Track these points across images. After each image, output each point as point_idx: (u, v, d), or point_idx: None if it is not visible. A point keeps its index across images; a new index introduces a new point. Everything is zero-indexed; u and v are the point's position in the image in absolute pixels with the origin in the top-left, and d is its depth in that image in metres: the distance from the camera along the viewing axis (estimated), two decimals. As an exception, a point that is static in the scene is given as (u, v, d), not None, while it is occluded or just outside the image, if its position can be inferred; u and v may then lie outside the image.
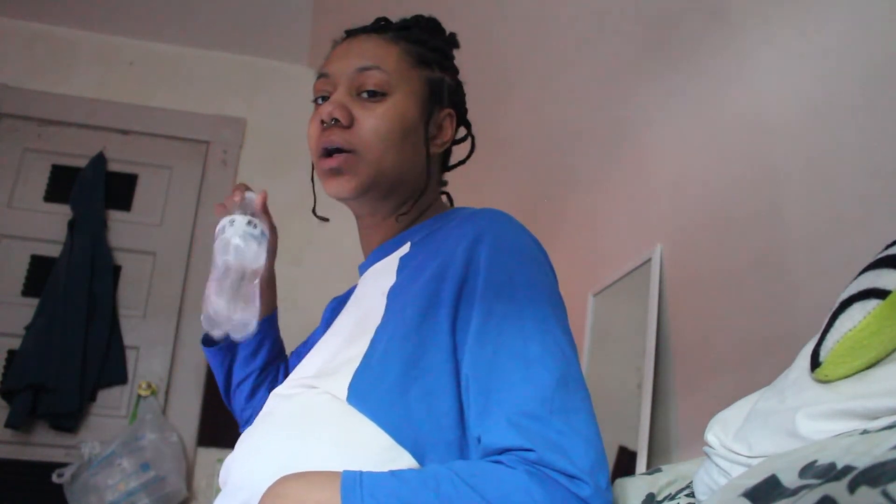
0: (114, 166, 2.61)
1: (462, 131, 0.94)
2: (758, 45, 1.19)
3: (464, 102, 0.93)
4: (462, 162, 0.96)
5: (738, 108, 1.27)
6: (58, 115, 2.59)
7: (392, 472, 0.61)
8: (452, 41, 0.94)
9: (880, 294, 0.57)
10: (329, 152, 0.79)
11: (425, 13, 0.94)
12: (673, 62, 1.43)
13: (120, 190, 2.59)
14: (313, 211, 0.92)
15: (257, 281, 0.81)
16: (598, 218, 1.85)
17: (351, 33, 0.90)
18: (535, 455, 0.60)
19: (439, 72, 0.88)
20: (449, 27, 0.96)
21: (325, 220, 0.92)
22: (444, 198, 0.95)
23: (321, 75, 0.86)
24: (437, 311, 0.70)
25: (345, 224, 1.03)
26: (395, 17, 0.92)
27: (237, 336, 0.82)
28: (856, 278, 0.62)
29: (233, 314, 0.79)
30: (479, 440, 0.64)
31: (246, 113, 2.74)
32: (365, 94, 0.80)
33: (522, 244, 0.75)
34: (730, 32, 1.25)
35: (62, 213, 2.48)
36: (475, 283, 0.70)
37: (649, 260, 1.49)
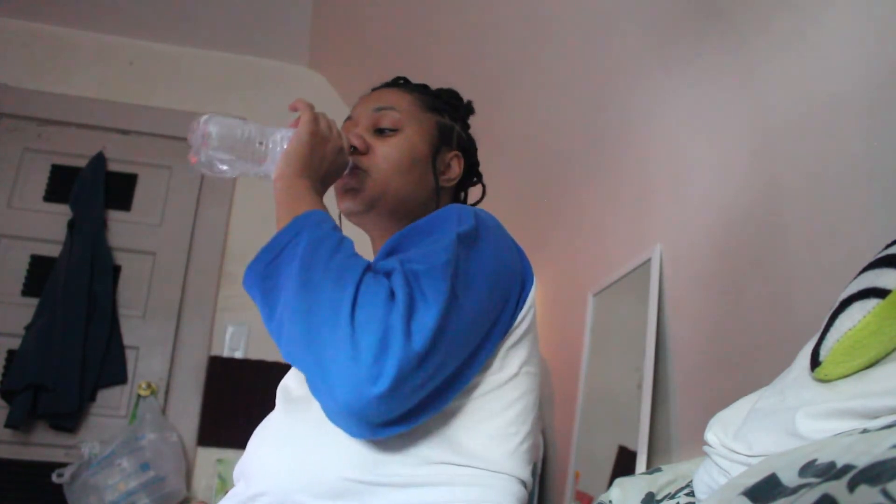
0: (113, 166, 2.61)
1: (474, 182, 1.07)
2: (758, 45, 1.19)
3: (475, 153, 1.05)
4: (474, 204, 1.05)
5: (737, 107, 1.27)
6: (58, 115, 2.59)
7: (341, 236, 0.71)
8: (469, 107, 1.06)
9: (880, 293, 0.57)
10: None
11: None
12: (673, 62, 1.43)
13: (120, 190, 2.59)
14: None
15: (255, 160, 0.84)
16: (598, 218, 1.85)
17: (375, 88, 1.02)
18: (395, 276, 0.65)
19: (451, 120, 1.00)
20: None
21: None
22: None
23: (347, 119, 0.98)
24: None
25: (346, 225, 1.04)
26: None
27: (202, 168, 0.82)
28: (856, 278, 0.62)
29: (216, 154, 0.81)
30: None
31: (246, 113, 2.70)
32: (380, 130, 0.93)
33: (483, 220, 0.79)
34: (730, 32, 1.25)
35: (62, 213, 2.48)
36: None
37: (649, 260, 1.50)
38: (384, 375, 0.60)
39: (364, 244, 0.98)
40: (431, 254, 0.68)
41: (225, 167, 0.83)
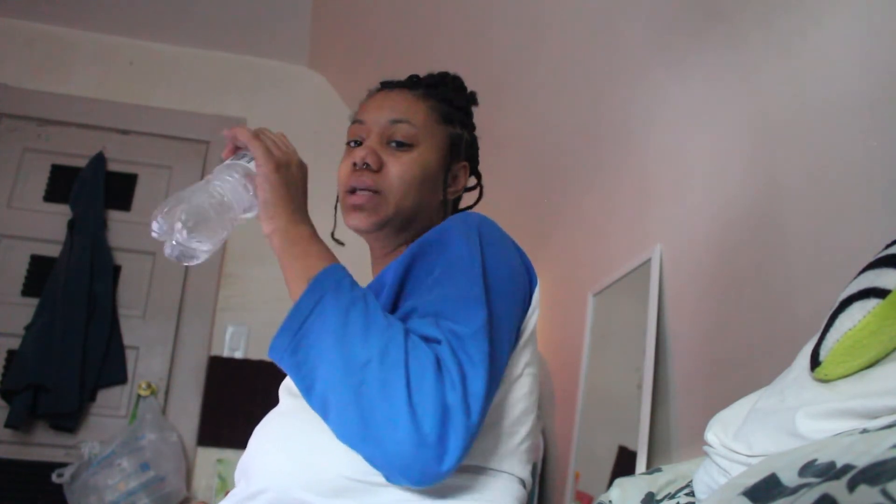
0: (113, 166, 2.61)
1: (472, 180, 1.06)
2: (758, 45, 1.19)
3: (477, 156, 1.05)
4: (469, 208, 1.05)
5: (737, 107, 1.27)
6: (58, 115, 2.59)
7: (364, 294, 0.69)
8: (473, 99, 1.05)
9: (880, 293, 0.57)
10: (355, 190, 0.89)
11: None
12: (673, 61, 1.43)
13: (120, 190, 2.59)
14: (332, 235, 0.97)
15: (232, 224, 0.78)
16: (598, 218, 1.85)
17: (386, 85, 1.00)
18: (441, 348, 0.64)
19: (460, 128, 0.98)
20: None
21: (342, 244, 0.98)
22: None
23: (356, 121, 0.94)
24: (381, 293, 0.77)
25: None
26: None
27: (179, 259, 0.76)
28: (856, 278, 0.62)
29: (194, 230, 0.73)
30: (407, 314, 0.70)
31: (246, 113, 2.74)
32: (394, 144, 0.90)
33: (486, 233, 0.79)
34: (730, 32, 1.25)
35: (62, 213, 2.48)
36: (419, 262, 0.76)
37: (649, 260, 1.50)
38: (450, 453, 0.61)
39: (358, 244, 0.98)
40: (467, 309, 0.68)
41: (204, 253, 0.76)
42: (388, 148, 0.90)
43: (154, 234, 0.75)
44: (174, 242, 0.74)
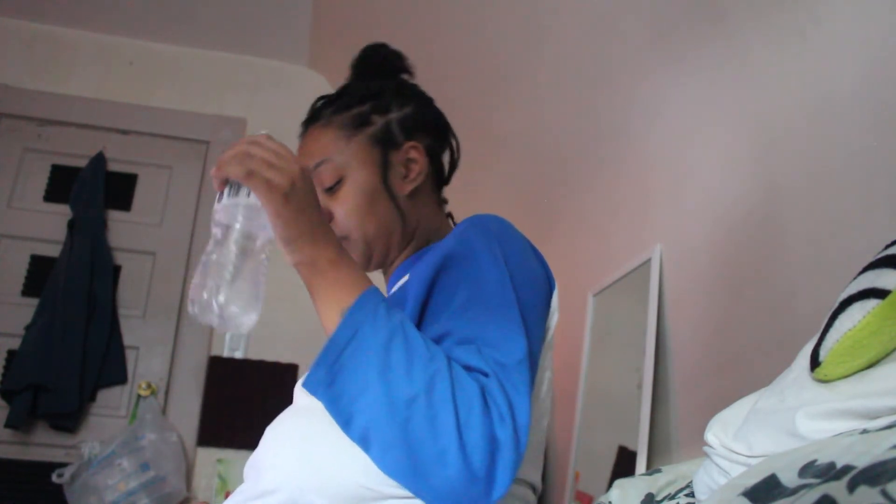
0: (114, 166, 2.61)
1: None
2: (758, 45, 1.19)
3: (427, 115, 0.97)
4: (452, 169, 1.00)
5: (738, 107, 1.27)
6: (58, 115, 2.59)
7: (402, 322, 0.66)
8: (392, 67, 0.98)
9: (880, 294, 0.57)
10: None
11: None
12: (673, 61, 1.43)
13: (120, 190, 2.59)
14: None
15: (264, 257, 0.71)
16: (598, 218, 1.85)
17: (302, 127, 0.96)
18: (487, 381, 0.63)
19: (381, 117, 0.92)
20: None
21: None
22: (450, 221, 1.01)
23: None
24: (406, 304, 0.75)
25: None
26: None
27: (232, 331, 0.70)
28: (856, 278, 0.62)
29: (231, 303, 0.66)
30: (441, 336, 0.68)
31: (246, 113, 2.74)
32: (327, 191, 0.88)
33: (494, 232, 0.77)
34: (730, 32, 1.25)
35: (62, 213, 2.48)
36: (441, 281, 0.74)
37: (649, 260, 1.50)
38: (498, 485, 0.61)
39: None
40: (509, 338, 0.67)
41: (255, 311, 0.68)
42: (325, 195, 0.88)
43: (210, 324, 0.68)
44: (225, 321, 0.67)
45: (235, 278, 0.67)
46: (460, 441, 0.60)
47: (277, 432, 0.75)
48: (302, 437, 0.71)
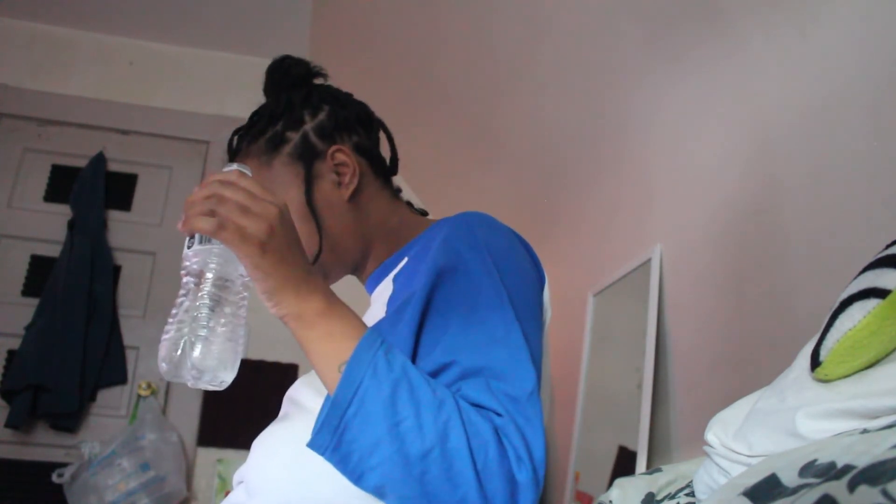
0: (114, 166, 2.61)
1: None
2: (758, 45, 1.19)
3: (346, 118, 0.92)
4: (393, 158, 0.96)
5: (738, 107, 1.27)
6: (58, 115, 2.59)
7: (404, 369, 0.62)
8: (299, 77, 0.94)
9: (880, 293, 0.57)
10: None
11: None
12: (673, 61, 1.43)
13: (120, 190, 2.59)
14: None
15: (243, 297, 0.64)
16: (598, 218, 1.85)
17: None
18: (501, 420, 0.62)
19: (295, 132, 0.89)
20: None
21: None
22: (415, 214, 0.95)
23: None
24: (406, 308, 0.71)
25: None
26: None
27: (207, 388, 0.62)
28: (856, 278, 0.62)
29: (207, 358, 0.60)
30: (445, 365, 0.65)
31: (246, 113, 2.71)
32: None
33: (481, 238, 0.75)
34: (730, 32, 1.25)
35: (62, 213, 2.48)
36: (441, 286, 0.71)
37: (649, 260, 1.50)
38: None
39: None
40: (517, 367, 0.65)
41: (228, 365, 0.61)
42: None
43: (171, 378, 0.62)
44: (210, 379, 0.62)
45: (211, 331, 0.60)
46: (480, 490, 0.59)
47: (266, 447, 0.75)
48: (290, 453, 0.70)
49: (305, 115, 0.90)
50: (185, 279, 0.63)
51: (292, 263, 0.63)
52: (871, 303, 0.57)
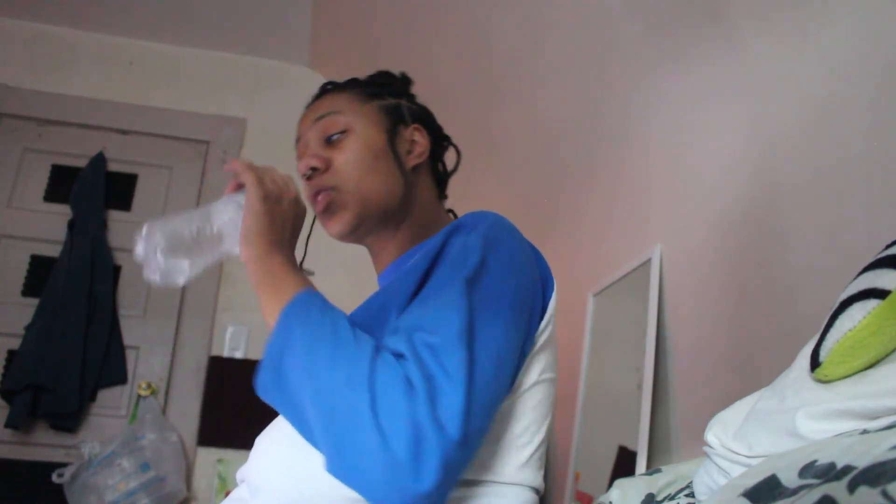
0: (114, 166, 2.61)
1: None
2: (758, 45, 1.19)
3: (433, 120, 1.00)
4: (453, 170, 1.02)
5: (738, 107, 1.27)
6: (58, 115, 2.59)
7: (334, 318, 0.66)
8: (405, 78, 1.03)
9: (880, 294, 0.57)
10: (317, 195, 0.88)
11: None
12: (673, 61, 1.43)
13: (120, 190, 2.59)
14: (300, 265, 0.93)
15: (217, 254, 0.79)
16: (597, 218, 1.85)
17: (308, 105, 0.99)
18: (410, 364, 0.61)
19: (392, 98, 0.95)
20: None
21: (311, 273, 0.95)
22: (450, 216, 1.00)
23: (296, 141, 0.95)
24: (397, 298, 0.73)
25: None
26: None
27: (162, 280, 0.76)
28: (856, 278, 0.62)
29: (168, 261, 0.74)
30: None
31: (246, 113, 2.74)
32: (329, 139, 0.90)
33: (493, 237, 0.74)
34: (730, 32, 1.25)
35: (62, 213, 2.48)
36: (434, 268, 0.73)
37: (649, 260, 1.49)
38: (427, 473, 0.57)
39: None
40: (442, 317, 0.64)
41: (182, 276, 0.76)
42: (326, 147, 0.89)
43: (138, 257, 0.74)
44: (154, 266, 0.74)
45: (183, 238, 0.75)
46: (377, 426, 0.57)
47: (266, 444, 0.75)
48: (292, 452, 0.70)
49: (404, 96, 0.98)
50: (206, 209, 0.80)
51: (280, 227, 0.78)
52: (871, 303, 0.57)
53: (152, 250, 0.73)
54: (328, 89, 0.97)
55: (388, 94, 0.95)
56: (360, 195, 0.87)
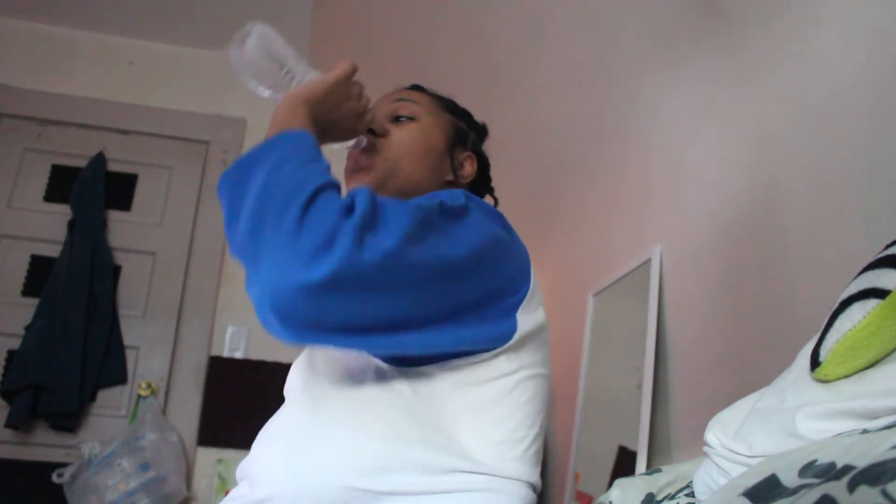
0: (114, 166, 2.61)
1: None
2: (758, 45, 1.19)
3: (488, 167, 1.07)
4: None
5: (738, 107, 1.27)
6: (58, 115, 2.59)
7: (318, 157, 0.70)
8: (484, 127, 1.09)
9: (880, 294, 0.57)
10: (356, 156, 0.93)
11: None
12: (673, 62, 1.43)
13: (120, 190, 2.59)
14: None
15: (293, 84, 0.86)
16: (598, 218, 1.85)
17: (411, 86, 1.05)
18: (356, 208, 0.63)
19: (465, 125, 1.02)
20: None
21: None
22: None
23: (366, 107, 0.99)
24: None
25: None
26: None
27: (236, 68, 0.86)
28: (856, 278, 0.62)
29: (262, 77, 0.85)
30: None
31: (246, 113, 2.74)
32: (399, 118, 0.95)
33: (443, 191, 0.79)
34: (730, 32, 1.25)
35: (62, 213, 2.48)
36: None
37: (649, 260, 1.49)
38: (317, 267, 0.57)
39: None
40: (396, 213, 0.66)
41: (252, 78, 0.87)
42: (392, 123, 0.95)
43: (245, 45, 0.87)
44: (251, 61, 0.86)
45: (271, 64, 0.88)
46: (301, 216, 0.60)
47: (268, 437, 0.77)
48: (292, 442, 0.72)
49: (475, 131, 1.05)
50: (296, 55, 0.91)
51: (328, 105, 0.85)
52: (871, 303, 0.57)
53: (244, 39, 0.84)
54: (418, 87, 1.03)
55: (464, 121, 1.02)
56: (394, 168, 0.91)
